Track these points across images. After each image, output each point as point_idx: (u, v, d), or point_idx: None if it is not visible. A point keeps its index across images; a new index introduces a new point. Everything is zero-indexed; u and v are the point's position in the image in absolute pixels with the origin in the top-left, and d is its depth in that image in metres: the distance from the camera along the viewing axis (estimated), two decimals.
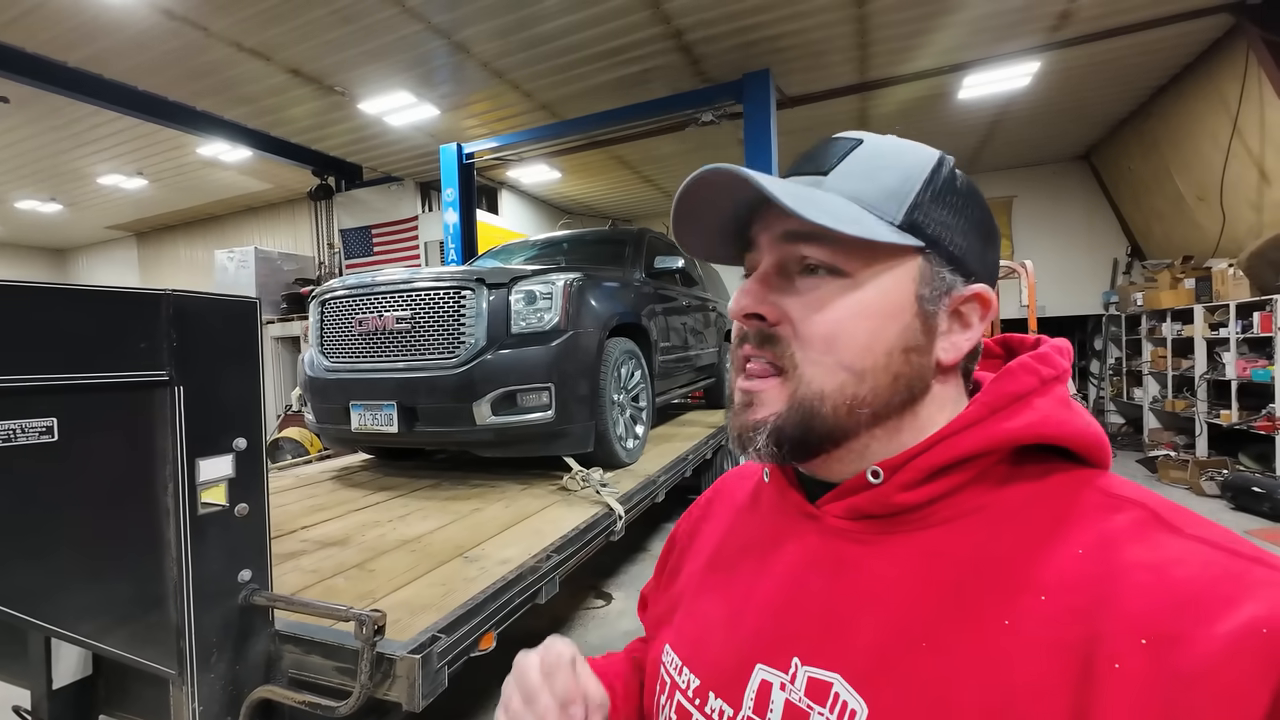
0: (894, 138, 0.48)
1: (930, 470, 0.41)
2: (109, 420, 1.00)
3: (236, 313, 1.16)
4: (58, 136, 6.46)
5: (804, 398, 0.43)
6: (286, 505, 2.33)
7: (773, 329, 0.45)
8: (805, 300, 0.44)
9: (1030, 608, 0.35)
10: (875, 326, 0.43)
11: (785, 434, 0.44)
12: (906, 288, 0.43)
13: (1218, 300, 5.34)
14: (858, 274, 0.43)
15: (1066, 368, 0.44)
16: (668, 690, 0.52)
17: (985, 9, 4.28)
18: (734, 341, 0.49)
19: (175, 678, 1.07)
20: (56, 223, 10.03)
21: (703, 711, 0.47)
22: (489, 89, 5.36)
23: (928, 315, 0.44)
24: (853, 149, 0.46)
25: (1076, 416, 0.42)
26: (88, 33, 4.30)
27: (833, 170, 0.45)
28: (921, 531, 0.42)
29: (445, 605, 1.35)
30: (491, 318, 2.47)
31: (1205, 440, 5.55)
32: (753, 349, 0.46)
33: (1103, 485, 0.40)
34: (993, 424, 0.41)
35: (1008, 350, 0.51)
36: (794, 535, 0.48)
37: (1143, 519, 0.37)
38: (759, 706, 0.43)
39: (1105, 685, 0.31)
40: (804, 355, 0.43)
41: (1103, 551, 0.35)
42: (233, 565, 1.14)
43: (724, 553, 0.56)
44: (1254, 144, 4.83)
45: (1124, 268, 7.77)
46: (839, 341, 0.43)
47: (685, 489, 3.03)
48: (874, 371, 0.43)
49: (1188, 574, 0.33)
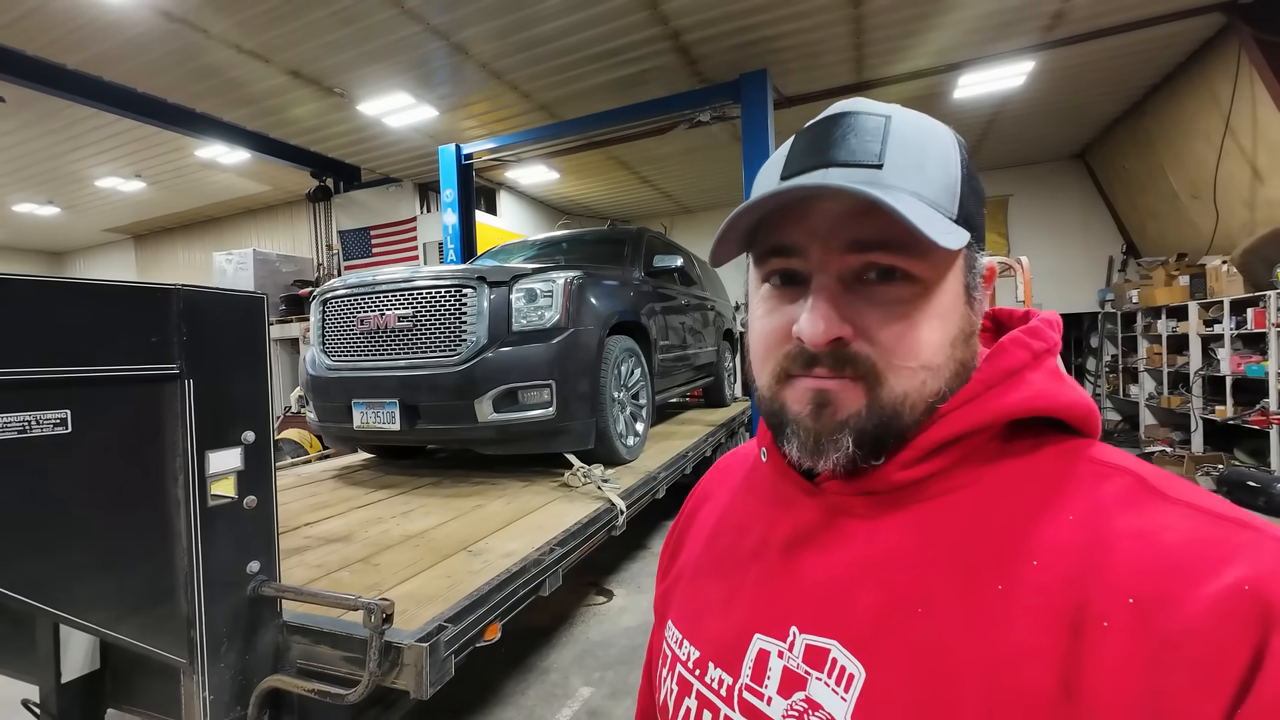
0: (906, 110, 0.45)
1: (929, 448, 0.42)
2: (121, 413, 1.02)
3: (245, 308, 1.18)
4: (56, 139, 6.46)
5: (888, 400, 0.42)
6: (289, 503, 2.34)
7: (847, 348, 0.42)
8: (885, 312, 0.42)
9: (1023, 574, 0.36)
10: (946, 325, 0.43)
11: (868, 434, 0.42)
12: (960, 280, 0.44)
13: (1212, 297, 5.38)
14: (929, 277, 0.42)
15: (1057, 340, 0.46)
16: (669, 663, 0.53)
17: (979, 9, 4.32)
18: (783, 357, 0.45)
19: (186, 667, 1.09)
20: (54, 225, 10.02)
21: (703, 681, 0.48)
22: (487, 90, 5.38)
23: (973, 300, 0.45)
24: (886, 129, 0.43)
25: (1068, 389, 0.43)
26: (87, 35, 4.31)
27: (886, 162, 0.42)
28: (919, 505, 0.43)
29: (451, 596, 1.37)
30: (493, 315, 2.49)
31: (1201, 436, 5.59)
32: (829, 372, 0.43)
33: (1093, 454, 0.41)
34: (989, 400, 0.42)
35: (997, 324, 0.52)
36: (792, 511, 0.49)
37: (1131, 486, 0.38)
38: (756, 674, 0.45)
39: (1093, 643, 0.32)
40: (886, 364, 0.42)
41: (1093, 518, 0.37)
42: (242, 556, 1.16)
43: (722, 530, 0.57)
44: (1246, 142, 4.87)
45: (1119, 265, 7.82)
46: (921, 347, 0.42)
47: (685, 487, 3.05)
48: (946, 364, 0.43)
49: (1175, 539, 0.34)
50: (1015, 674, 0.34)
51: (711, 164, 7.50)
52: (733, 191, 8.28)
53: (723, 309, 5.47)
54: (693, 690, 0.49)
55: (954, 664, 0.36)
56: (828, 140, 0.43)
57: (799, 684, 0.42)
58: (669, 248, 4.32)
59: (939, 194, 0.42)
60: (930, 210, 0.41)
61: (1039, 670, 0.34)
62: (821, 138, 0.44)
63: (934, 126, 0.45)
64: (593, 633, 3.00)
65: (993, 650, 0.35)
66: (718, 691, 0.47)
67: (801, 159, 0.44)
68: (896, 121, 0.43)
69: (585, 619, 3.16)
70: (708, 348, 4.72)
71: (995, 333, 0.51)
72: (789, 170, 0.44)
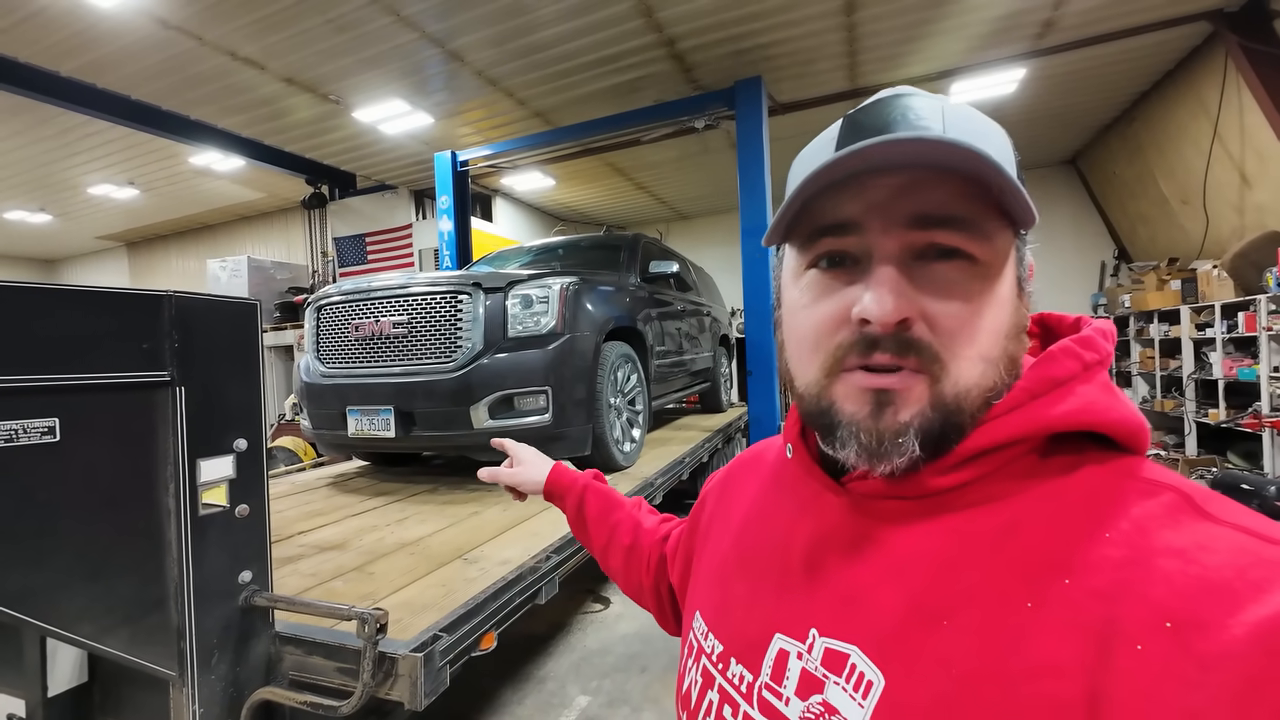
0: (955, 101, 0.43)
1: (967, 455, 0.40)
2: (110, 421, 1.00)
3: (238, 314, 1.17)
4: (48, 147, 6.44)
5: (950, 394, 0.39)
6: (283, 511, 2.31)
7: (910, 331, 0.39)
8: (948, 294, 0.39)
9: (1054, 590, 0.35)
10: (1003, 313, 0.41)
11: (933, 433, 0.40)
12: (1013, 270, 0.42)
13: (1203, 301, 5.42)
14: (990, 260, 0.40)
15: (1109, 351, 0.43)
16: (694, 654, 0.53)
17: (971, 17, 4.37)
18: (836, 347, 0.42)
19: (175, 679, 1.07)
20: (46, 233, 9.96)
21: (724, 676, 0.48)
22: (483, 97, 5.39)
23: (1024, 294, 0.44)
24: (941, 108, 0.41)
25: (1119, 404, 0.41)
26: (82, 42, 4.30)
27: (951, 134, 0.38)
28: (951, 513, 0.41)
29: (446, 605, 1.36)
30: (488, 322, 2.48)
31: (1194, 439, 5.61)
32: (892, 357, 0.40)
33: (1137, 471, 0.39)
34: (1033, 409, 0.40)
35: (1045, 330, 0.49)
36: (818, 510, 0.48)
37: (1176, 503, 0.36)
38: (776, 674, 0.44)
39: (1123, 666, 0.31)
40: (950, 354, 0.39)
41: (1131, 536, 0.35)
42: (233, 566, 1.14)
43: (750, 525, 0.57)
44: (1234, 148, 4.93)
45: (1111, 270, 7.88)
46: (983, 334, 0.40)
47: (682, 493, 3.04)
48: (1002, 358, 0.41)
49: (1218, 560, 0.32)
50: (1038, 687, 0.33)
51: (707, 170, 7.53)
52: (728, 198, 8.29)
53: (719, 314, 5.47)
54: (715, 684, 0.49)
55: (976, 678, 0.35)
56: (884, 118, 0.40)
57: (817, 687, 0.41)
58: (665, 254, 4.33)
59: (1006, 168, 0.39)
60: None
61: (1064, 684, 0.32)
62: (876, 116, 0.41)
63: (984, 117, 0.43)
64: (590, 640, 2.98)
65: (1015, 665, 0.34)
66: (738, 687, 0.47)
67: (854, 136, 0.40)
68: (950, 105, 0.42)
69: (582, 626, 3.13)
70: (704, 353, 4.71)
71: (1043, 338, 0.49)
72: (842, 147, 0.40)
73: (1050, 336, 0.48)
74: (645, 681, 2.58)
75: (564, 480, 0.88)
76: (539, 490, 0.90)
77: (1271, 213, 4.81)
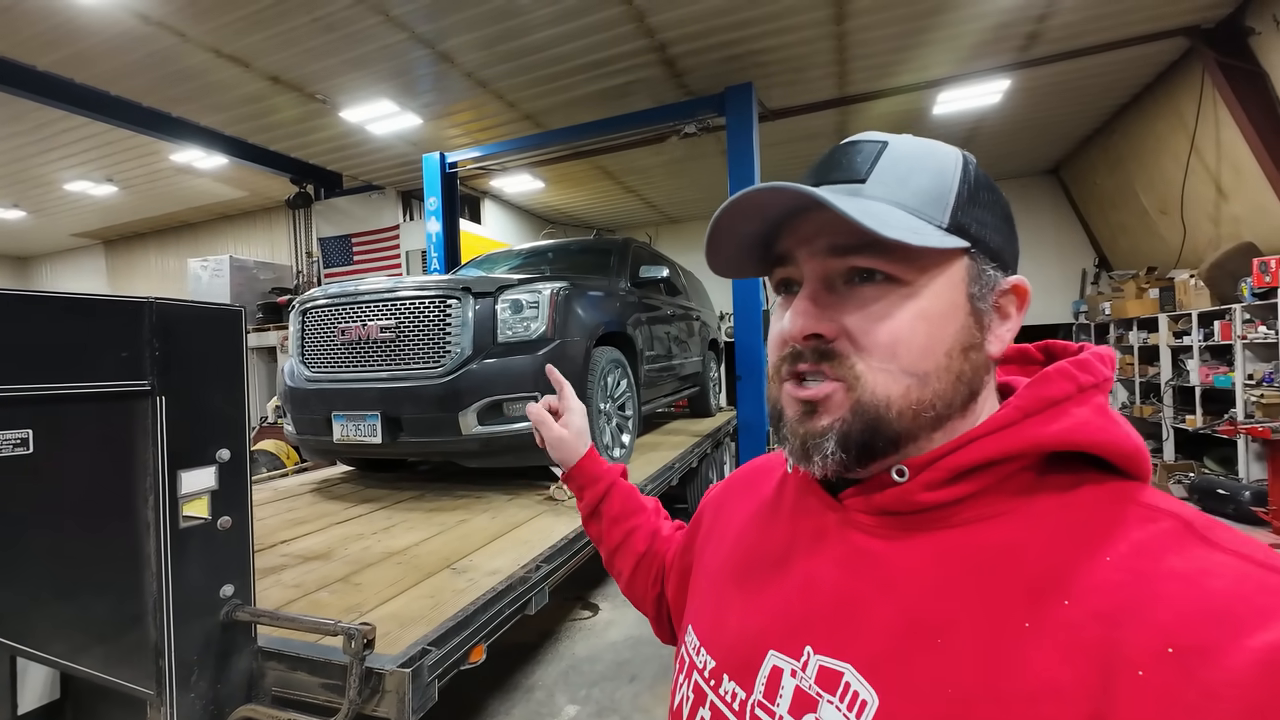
0: (913, 137, 0.48)
1: (956, 470, 0.41)
2: (87, 431, 0.97)
3: (221, 321, 1.14)
4: (23, 142, 6.27)
5: (869, 404, 0.43)
6: (265, 519, 2.26)
7: (830, 344, 0.44)
8: (863, 311, 0.43)
9: (1053, 612, 0.35)
10: (933, 329, 0.43)
11: (852, 439, 0.43)
12: (959, 288, 0.44)
13: (1181, 309, 5.55)
14: (913, 280, 0.43)
15: (1108, 375, 0.44)
16: (686, 669, 0.53)
17: (958, 29, 4.43)
18: (778, 359, 0.48)
19: (153, 698, 1.03)
20: (19, 230, 9.70)
21: (717, 693, 0.48)
22: (472, 99, 5.35)
23: (980, 313, 0.45)
24: (880, 152, 0.46)
25: (1115, 426, 0.41)
26: (60, 36, 4.19)
27: (870, 177, 0.44)
28: (943, 531, 0.41)
29: (435, 617, 1.33)
30: (477, 327, 2.45)
31: (1172, 445, 5.74)
32: (810, 365, 0.45)
33: (1137, 495, 0.39)
34: (1025, 428, 0.41)
35: (1048, 356, 0.51)
36: (815, 527, 0.49)
37: (1177, 529, 0.36)
38: (769, 691, 0.44)
39: (1126, 692, 0.31)
40: (866, 365, 0.43)
41: (1132, 560, 0.35)
42: (215, 580, 1.11)
43: (746, 540, 0.56)
44: (1210, 161, 5.06)
45: (1092, 278, 8.04)
46: (900, 348, 0.42)
47: (672, 498, 3.03)
48: (937, 374, 0.43)
49: (1220, 586, 0.32)
50: (1037, 710, 0.33)
51: (697, 175, 7.55)
52: (718, 202, 8.27)
53: (708, 319, 5.48)
54: (707, 700, 0.49)
55: (972, 699, 0.35)
56: (830, 163, 0.48)
57: (810, 705, 0.41)
58: (655, 258, 4.33)
59: (924, 203, 0.43)
60: (901, 214, 0.43)
61: (1064, 708, 0.32)
62: (826, 161, 0.48)
63: (936, 148, 0.47)
64: (579, 649, 2.95)
65: (1013, 686, 0.34)
66: (730, 705, 0.46)
67: (806, 179, 0.48)
68: (894, 145, 0.46)
69: (571, 634, 3.11)
70: (693, 358, 4.72)
71: (1046, 364, 0.49)
72: None
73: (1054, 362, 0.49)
74: (635, 690, 2.56)
75: (592, 470, 0.84)
76: (567, 465, 0.85)
77: (1246, 224, 4.94)
